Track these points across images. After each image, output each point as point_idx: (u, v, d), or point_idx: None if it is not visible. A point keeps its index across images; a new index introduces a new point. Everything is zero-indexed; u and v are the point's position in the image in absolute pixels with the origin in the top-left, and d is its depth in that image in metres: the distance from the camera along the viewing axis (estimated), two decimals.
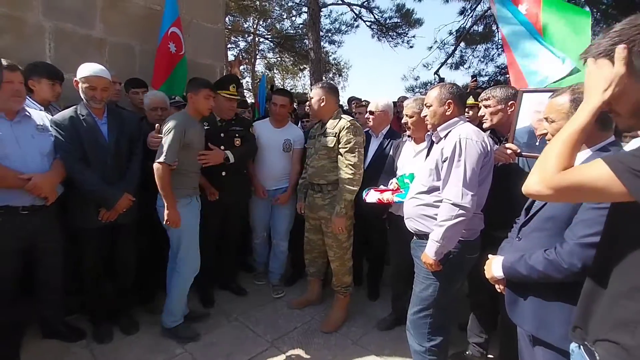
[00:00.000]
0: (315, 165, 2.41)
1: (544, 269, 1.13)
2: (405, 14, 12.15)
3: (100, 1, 3.04)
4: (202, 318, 2.51)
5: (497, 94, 1.95)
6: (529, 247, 1.23)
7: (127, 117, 2.30)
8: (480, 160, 1.56)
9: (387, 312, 2.60)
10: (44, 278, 2.07)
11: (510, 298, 1.31)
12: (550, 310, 1.17)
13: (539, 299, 1.20)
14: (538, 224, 1.24)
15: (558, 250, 1.11)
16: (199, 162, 2.39)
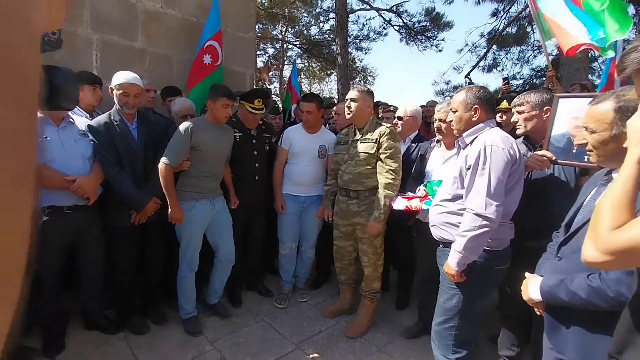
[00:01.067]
0: (352, 172, 2.37)
1: (587, 297, 1.04)
2: (435, 18, 11.97)
3: (142, 14, 3.24)
4: (225, 314, 2.60)
5: (531, 99, 1.87)
6: (570, 269, 1.14)
7: (155, 122, 2.44)
8: (507, 168, 1.49)
9: (413, 320, 2.56)
10: (86, 272, 2.24)
11: (550, 324, 1.22)
12: (596, 341, 1.07)
13: (582, 323, 1.10)
14: (579, 244, 1.13)
15: (603, 276, 1.01)
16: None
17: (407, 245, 2.63)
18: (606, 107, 1.08)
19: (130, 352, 2.18)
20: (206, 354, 2.21)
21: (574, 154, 1.60)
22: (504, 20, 10.23)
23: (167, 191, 2.25)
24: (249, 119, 2.67)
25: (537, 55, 10.77)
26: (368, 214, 2.35)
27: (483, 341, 2.15)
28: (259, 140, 2.76)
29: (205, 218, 2.43)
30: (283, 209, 2.79)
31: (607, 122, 1.07)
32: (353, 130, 2.47)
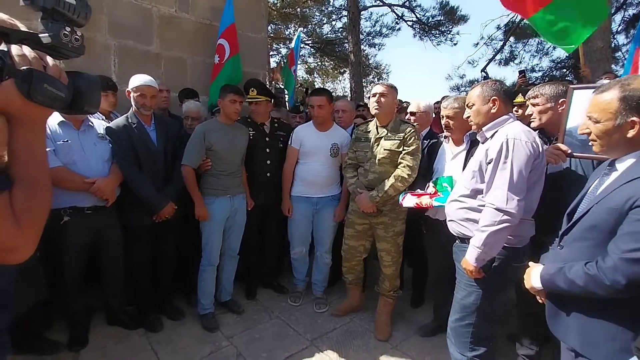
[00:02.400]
0: (378, 171, 2.31)
1: (584, 285, 1.04)
2: (450, 12, 11.74)
3: (157, 19, 3.33)
4: (237, 311, 2.66)
5: (546, 91, 1.82)
6: (570, 257, 1.14)
7: (171, 124, 2.51)
8: (529, 162, 1.46)
9: (428, 318, 2.54)
10: (107, 269, 2.33)
11: (551, 311, 1.22)
12: (595, 326, 1.07)
13: (583, 311, 1.11)
14: (581, 233, 1.14)
15: (600, 264, 1.02)
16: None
17: (420, 243, 2.61)
18: (610, 96, 1.06)
19: (149, 347, 2.25)
20: (223, 349, 2.25)
21: (591, 146, 1.54)
22: None
23: (191, 191, 2.40)
24: (252, 111, 2.74)
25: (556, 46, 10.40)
26: (392, 212, 2.34)
27: (502, 339, 2.11)
28: (273, 137, 2.78)
29: (224, 214, 2.51)
30: (290, 213, 2.74)
31: (611, 111, 1.05)
32: (375, 127, 2.40)
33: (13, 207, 0.61)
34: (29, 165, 0.64)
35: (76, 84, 0.68)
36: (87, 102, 0.70)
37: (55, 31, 0.64)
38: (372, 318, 2.59)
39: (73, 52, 0.69)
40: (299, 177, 2.73)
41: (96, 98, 0.73)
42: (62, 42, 0.66)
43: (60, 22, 0.66)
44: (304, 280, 2.92)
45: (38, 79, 0.58)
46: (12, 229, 0.60)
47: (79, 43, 0.70)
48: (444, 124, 2.14)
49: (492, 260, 1.54)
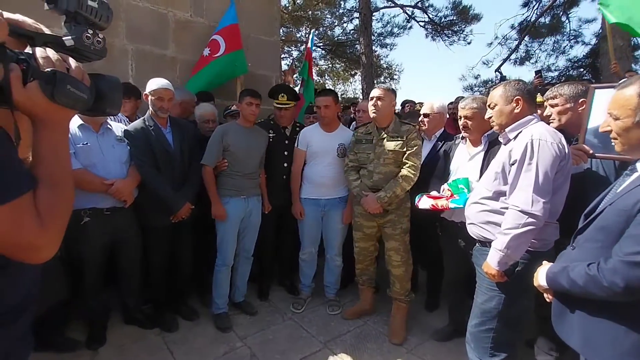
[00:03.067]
0: (382, 171, 2.34)
1: (584, 285, 1.03)
2: (462, 11, 11.60)
3: (172, 24, 3.39)
4: (251, 312, 2.68)
5: (565, 91, 1.77)
6: (580, 258, 1.11)
7: (186, 126, 2.55)
8: (555, 164, 1.42)
9: (443, 322, 2.50)
10: (125, 269, 2.37)
11: (557, 309, 1.20)
12: (598, 327, 1.05)
13: (585, 311, 1.09)
14: (593, 234, 1.11)
15: (601, 266, 1.00)
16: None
17: (434, 245, 2.56)
18: (630, 92, 1.04)
19: (165, 347, 2.28)
20: (237, 350, 2.27)
21: (613, 146, 1.50)
22: (536, 10, 9.76)
23: (209, 190, 2.47)
24: (278, 116, 2.78)
25: (573, 45, 10.18)
26: (398, 209, 2.35)
27: (519, 345, 2.06)
28: (292, 141, 2.79)
29: (239, 215, 2.55)
30: (302, 216, 2.73)
31: (631, 108, 1.03)
32: (375, 129, 2.42)
33: (37, 206, 0.62)
34: (53, 166, 0.65)
35: (98, 86, 0.68)
36: (109, 104, 0.71)
37: (77, 34, 0.65)
38: (386, 321, 2.57)
39: (95, 55, 0.70)
40: (306, 179, 2.74)
41: (117, 100, 0.73)
42: (85, 44, 0.67)
43: (83, 25, 0.68)
44: (309, 286, 2.89)
45: (61, 81, 0.59)
46: (37, 228, 0.61)
47: (101, 45, 0.71)
48: (461, 125, 2.09)
49: (515, 264, 1.50)
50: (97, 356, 2.18)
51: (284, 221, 2.89)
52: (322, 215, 2.73)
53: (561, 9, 9.35)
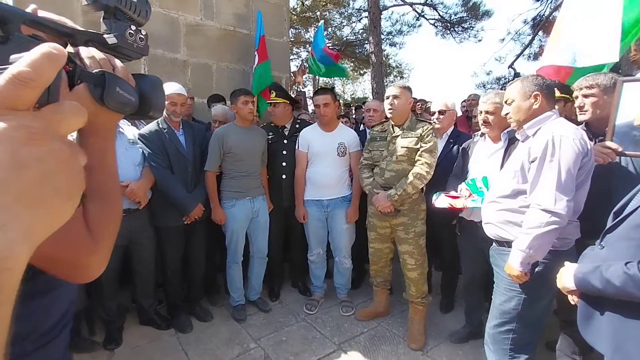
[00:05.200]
0: (394, 169, 2.30)
1: (621, 285, 0.97)
2: (473, 7, 11.43)
3: (183, 27, 3.42)
4: (264, 309, 2.73)
5: (602, 81, 1.66)
6: (611, 257, 1.06)
7: (197, 128, 2.59)
8: (578, 160, 1.36)
9: (459, 324, 2.44)
10: (140, 270, 2.40)
11: (584, 312, 1.14)
12: (631, 330, 0.99)
13: (618, 314, 1.03)
14: (626, 232, 1.05)
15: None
16: None
17: (452, 245, 2.52)
18: None
19: (180, 348, 2.29)
20: (251, 351, 2.27)
21: None
22: (550, 4, 9.53)
23: (210, 194, 2.49)
24: (272, 113, 2.81)
25: None
26: (412, 212, 2.29)
27: (539, 347, 2.00)
28: (290, 140, 2.79)
29: (246, 216, 2.58)
30: (305, 219, 2.70)
31: None
32: (391, 127, 2.38)
33: (87, 221, 0.56)
34: (101, 175, 0.60)
35: (140, 86, 0.62)
36: (153, 107, 0.63)
37: (120, 31, 0.59)
38: (400, 323, 2.54)
39: (137, 53, 0.63)
40: (308, 180, 2.71)
41: (161, 102, 0.65)
42: (128, 42, 0.60)
43: (123, 21, 0.63)
44: (321, 287, 2.87)
45: (110, 83, 0.54)
46: (88, 244, 0.55)
47: (144, 43, 0.62)
48: (482, 120, 2.03)
49: (535, 264, 1.46)
50: (114, 357, 2.20)
51: (291, 222, 2.88)
52: (326, 216, 2.71)
53: None
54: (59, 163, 0.25)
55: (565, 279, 1.19)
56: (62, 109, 0.27)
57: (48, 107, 0.27)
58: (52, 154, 0.25)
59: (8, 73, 0.24)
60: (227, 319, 2.62)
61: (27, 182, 0.23)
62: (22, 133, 0.24)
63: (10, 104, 0.24)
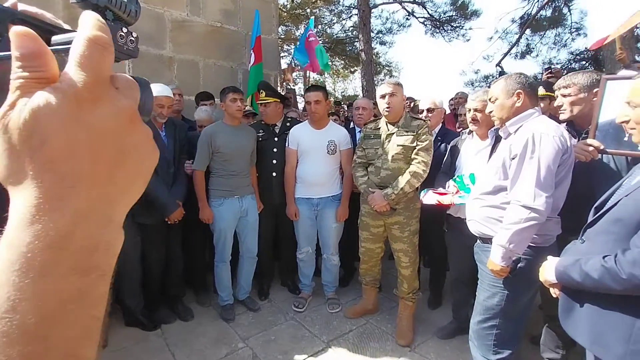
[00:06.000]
0: (390, 167, 2.27)
1: (599, 277, 1.00)
2: (461, 6, 11.53)
3: (169, 23, 3.36)
4: (253, 308, 2.71)
5: (579, 80, 1.70)
6: (591, 251, 1.09)
7: (179, 125, 2.57)
8: (557, 157, 1.39)
9: (447, 320, 2.47)
10: (124, 271, 2.35)
11: (565, 305, 1.17)
12: (608, 322, 1.02)
13: (596, 306, 1.06)
14: (606, 226, 1.08)
15: (619, 257, 0.97)
16: None
17: (440, 242, 2.54)
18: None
19: (167, 349, 2.26)
20: (239, 351, 2.25)
21: (626, 142, 1.45)
22: (537, 3, 9.67)
23: (198, 194, 2.48)
24: (262, 112, 2.80)
25: (575, 38, 10.09)
26: (407, 210, 2.29)
27: (524, 342, 2.03)
28: (281, 137, 2.77)
29: (234, 215, 2.56)
30: (297, 216, 2.69)
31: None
32: (385, 124, 2.36)
33: None
34: None
35: None
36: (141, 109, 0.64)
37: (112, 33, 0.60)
38: (389, 320, 2.55)
39: (126, 55, 0.64)
40: (298, 178, 2.69)
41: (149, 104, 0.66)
42: (118, 44, 0.61)
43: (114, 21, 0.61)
44: (309, 285, 2.86)
45: None
46: None
47: (134, 45, 0.64)
48: (470, 117, 2.05)
49: (518, 260, 1.48)
50: (100, 358, 2.16)
51: (281, 220, 2.86)
52: (316, 214, 2.70)
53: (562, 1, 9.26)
54: (147, 145, 0.25)
55: (547, 272, 1.22)
56: (132, 83, 0.26)
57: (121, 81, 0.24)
58: (143, 138, 0.25)
59: (85, 37, 0.21)
60: (216, 319, 2.59)
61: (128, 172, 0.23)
62: (126, 117, 0.23)
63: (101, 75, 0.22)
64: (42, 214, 0.20)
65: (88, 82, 0.21)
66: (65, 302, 0.20)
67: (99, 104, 0.21)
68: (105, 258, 0.22)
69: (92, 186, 0.21)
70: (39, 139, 0.20)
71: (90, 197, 0.21)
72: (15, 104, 0.20)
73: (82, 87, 0.21)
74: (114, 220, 0.23)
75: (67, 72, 0.21)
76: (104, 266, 0.22)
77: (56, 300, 0.20)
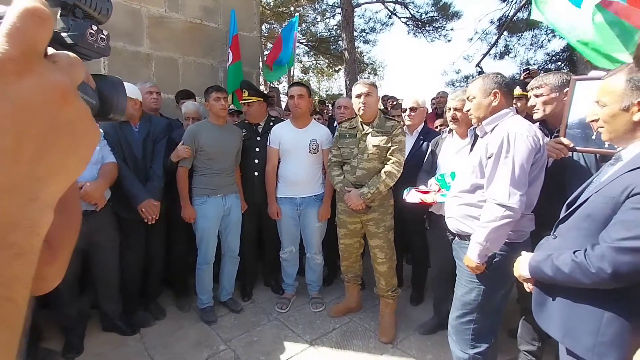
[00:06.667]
0: (366, 167, 2.30)
1: (570, 272, 1.03)
2: (443, 7, 11.73)
3: (146, 19, 3.27)
4: (236, 310, 2.68)
5: (551, 81, 1.76)
6: (563, 246, 1.12)
7: (155, 121, 2.53)
8: (530, 156, 1.43)
9: (428, 315, 2.51)
10: (101, 274, 2.29)
11: (538, 299, 1.21)
12: (579, 315, 1.06)
13: (567, 300, 1.09)
14: (576, 222, 1.11)
15: (588, 252, 1.01)
16: None
17: (422, 239, 2.58)
18: (618, 78, 1.05)
19: (146, 353, 2.21)
20: (220, 353, 2.22)
21: (594, 140, 1.51)
22: (514, 5, 9.93)
23: (180, 191, 2.46)
24: (246, 112, 2.78)
25: (551, 39, 10.43)
26: (382, 207, 2.32)
27: (502, 335, 2.09)
28: (265, 136, 2.74)
29: (217, 214, 2.53)
30: (278, 216, 2.67)
31: (618, 93, 1.03)
32: (360, 124, 2.38)
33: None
34: None
35: (100, 88, 0.61)
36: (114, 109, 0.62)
37: (80, 30, 0.58)
38: (372, 317, 2.57)
39: (97, 54, 0.62)
40: (280, 177, 2.68)
41: (122, 104, 0.64)
42: (88, 42, 0.59)
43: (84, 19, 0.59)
44: (292, 285, 2.85)
45: None
46: (45, 255, 0.54)
47: (105, 43, 0.62)
48: (451, 116, 2.09)
49: (493, 256, 1.52)
50: None
51: (265, 220, 2.84)
52: (299, 214, 2.69)
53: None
54: (85, 122, 0.24)
55: (521, 267, 1.25)
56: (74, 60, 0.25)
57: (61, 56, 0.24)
58: (80, 116, 0.23)
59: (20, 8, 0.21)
60: (197, 322, 2.55)
61: (59, 150, 0.22)
62: (57, 92, 0.22)
63: (32, 47, 0.21)
64: None
65: (14, 54, 0.20)
66: None
67: (25, 77, 0.20)
68: (26, 236, 0.21)
69: (16, 162, 0.20)
70: None
71: (13, 172, 0.20)
72: None
73: (7, 59, 0.20)
74: (41, 198, 0.22)
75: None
76: (23, 244, 0.21)
77: None
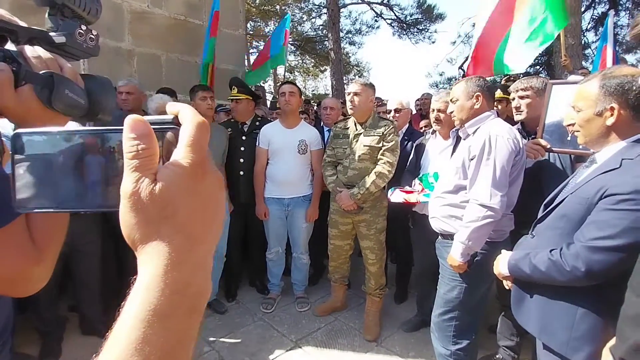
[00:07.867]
0: (357, 167, 2.30)
1: (546, 270, 1.08)
2: (427, 10, 11.93)
3: (128, 14, 3.20)
4: (220, 311, 2.65)
5: (536, 84, 1.83)
6: (541, 245, 1.17)
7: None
8: (511, 158, 1.49)
9: (412, 313, 2.55)
10: (82, 278, 2.22)
11: (516, 296, 1.26)
12: (555, 312, 1.11)
13: (544, 297, 1.14)
14: (553, 222, 1.16)
15: (563, 251, 1.05)
16: None
17: (405, 238, 2.61)
18: (592, 84, 1.10)
19: None
20: (204, 355, 2.19)
21: (569, 141, 1.58)
22: None
23: None
24: (233, 109, 2.79)
25: None
26: (374, 209, 2.34)
27: (482, 331, 2.15)
28: (249, 136, 2.73)
29: None
30: (266, 216, 2.66)
31: (592, 98, 1.08)
32: (353, 124, 2.38)
33: (31, 230, 0.54)
34: None
35: (89, 88, 0.59)
36: (102, 109, 0.61)
37: (69, 30, 0.56)
38: (357, 316, 2.59)
39: (86, 53, 0.60)
40: (269, 177, 2.67)
41: (111, 104, 0.63)
42: (77, 42, 0.57)
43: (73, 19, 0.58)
44: (278, 285, 2.84)
45: (59, 85, 0.51)
46: (32, 255, 0.53)
47: (94, 43, 0.60)
48: (434, 118, 2.13)
49: (475, 254, 1.56)
50: None
51: (250, 220, 2.82)
52: (287, 214, 2.68)
53: None
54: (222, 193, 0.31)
55: (500, 265, 1.29)
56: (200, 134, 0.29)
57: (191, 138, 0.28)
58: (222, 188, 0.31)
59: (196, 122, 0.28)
60: None
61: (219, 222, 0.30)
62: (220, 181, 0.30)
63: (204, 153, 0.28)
64: (173, 266, 0.25)
65: (199, 161, 0.27)
66: (181, 341, 0.26)
67: (207, 176, 0.28)
68: (204, 302, 0.28)
69: (202, 243, 0.27)
70: (172, 209, 0.26)
71: (201, 251, 0.27)
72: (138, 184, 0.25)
73: (197, 165, 0.27)
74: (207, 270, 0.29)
75: (181, 151, 0.27)
76: (202, 310, 0.28)
77: (175, 338, 0.25)
